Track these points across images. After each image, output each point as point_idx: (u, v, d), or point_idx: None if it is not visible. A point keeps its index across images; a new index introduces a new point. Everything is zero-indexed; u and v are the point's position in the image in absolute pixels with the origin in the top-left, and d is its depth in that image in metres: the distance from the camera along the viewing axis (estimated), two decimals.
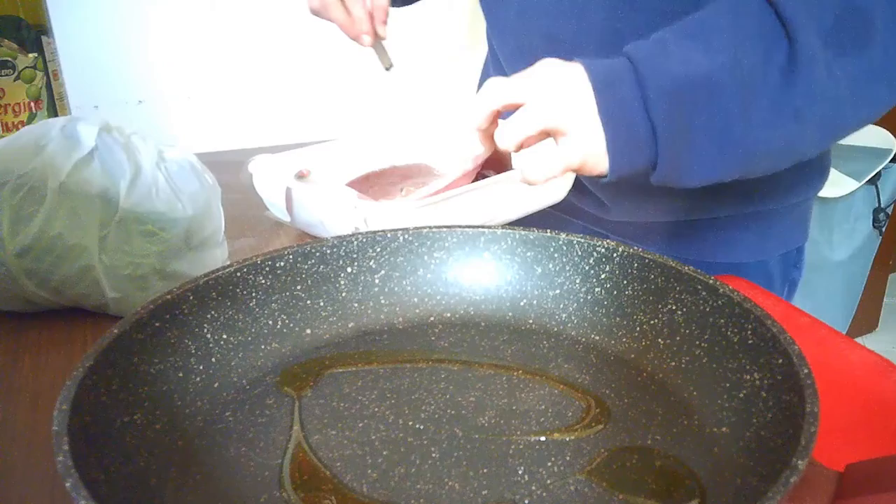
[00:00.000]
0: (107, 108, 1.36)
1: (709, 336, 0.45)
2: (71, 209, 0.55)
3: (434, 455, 0.40)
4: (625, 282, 0.50)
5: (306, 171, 0.76)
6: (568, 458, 0.39)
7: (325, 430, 0.42)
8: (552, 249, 0.53)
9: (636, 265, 0.49)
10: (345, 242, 0.52)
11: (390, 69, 0.77)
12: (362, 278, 0.53)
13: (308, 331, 0.50)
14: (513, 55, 0.74)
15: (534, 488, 0.37)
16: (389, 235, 0.53)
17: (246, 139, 1.40)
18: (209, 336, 0.46)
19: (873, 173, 1.72)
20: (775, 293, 0.76)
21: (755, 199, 0.69)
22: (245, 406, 0.44)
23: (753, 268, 0.74)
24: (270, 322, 0.49)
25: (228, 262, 0.50)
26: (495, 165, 0.72)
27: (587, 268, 0.52)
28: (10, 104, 0.78)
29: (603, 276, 0.51)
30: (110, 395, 0.38)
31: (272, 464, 0.39)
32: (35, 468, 0.44)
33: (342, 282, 0.52)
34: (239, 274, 0.48)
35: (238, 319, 0.48)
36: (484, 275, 0.54)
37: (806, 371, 0.36)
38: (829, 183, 0.74)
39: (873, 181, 1.75)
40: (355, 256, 0.53)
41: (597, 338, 0.50)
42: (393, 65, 0.77)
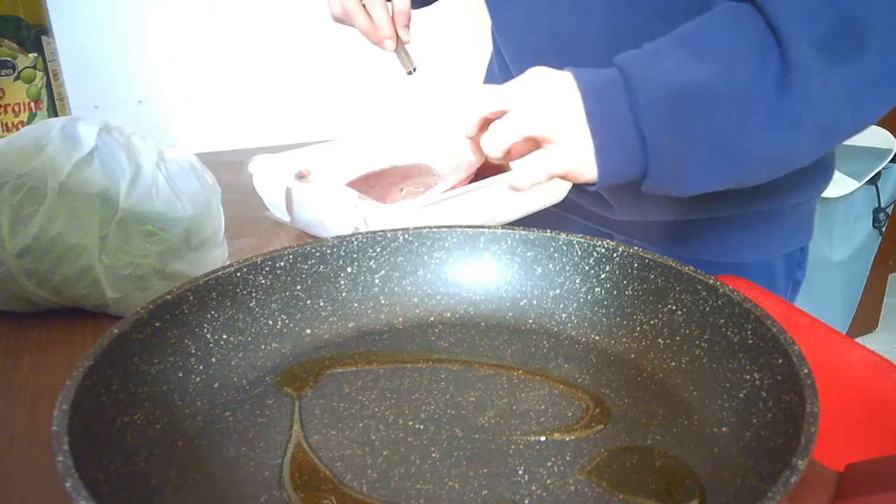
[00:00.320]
0: (107, 108, 1.36)
1: (709, 336, 0.45)
2: (71, 209, 0.55)
3: (434, 455, 0.40)
4: (625, 282, 0.50)
5: (306, 171, 0.76)
6: (568, 458, 0.39)
7: (325, 430, 0.42)
8: (552, 249, 0.53)
9: (636, 265, 0.49)
10: (345, 242, 0.52)
11: (413, 73, 0.76)
12: (362, 278, 0.53)
13: (308, 331, 0.50)
14: (517, 54, 0.74)
15: (534, 488, 0.37)
16: (389, 235, 0.53)
17: (246, 139, 1.40)
18: (209, 336, 0.46)
19: (873, 173, 1.72)
20: (779, 293, 0.76)
21: (759, 199, 0.69)
22: (245, 406, 0.44)
23: (758, 267, 0.74)
24: (270, 322, 0.49)
25: (228, 262, 0.50)
26: (495, 171, 0.71)
27: (587, 268, 0.52)
28: (10, 104, 0.78)
29: (603, 276, 0.51)
30: (110, 395, 0.38)
31: (272, 464, 0.39)
32: (35, 468, 0.44)
33: (342, 282, 0.52)
34: (239, 274, 0.48)
35: (238, 319, 0.48)
36: (484, 275, 0.54)
37: (806, 371, 0.36)
38: (830, 183, 0.74)
39: (873, 181, 1.75)
40: (355, 256, 0.53)
41: (597, 338, 0.50)
42: (416, 68, 0.76)
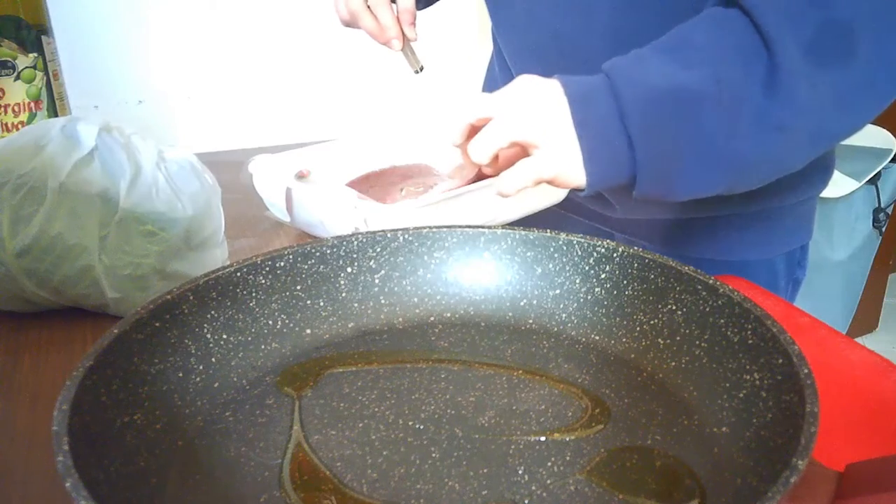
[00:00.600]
0: (107, 108, 1.36)
1: (709, 336, 0.45)
2: (71, 209, 0.55)
3: (434, 455, 0.40)
4: (625, 282, 0.50)
5: (306, 171, 0.76)
6: (568, 458, 0.39)
7: (325, 430, 0.42)
8: (552, 249, 0.53)
9: (636, 265, 0.49)
10: (345, 242, 0.52)
11: (420, 72, 0.76)
12: (362, 278, 0.53)
13: (308, 331, 0.50)
14: (518, 53, 0.74)
15: (534, 488, 0.37)
16: (389, 235, 0.53)
17: (246, 139, 1.40)
18: (209, 336, 0.46)
19: (873, 173, 1.71)
20: (780, 292, 0.76)
21: (759, 198, 0.69)
22: (245, 406, 0.44)
23: (758, 266, 0.74)
24: (270, 322, 0.49)
25: (228, 262, 0.50)
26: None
27: (587, 268, 0.52)
28: (10, 104, 0.78)
29: (603, 276, 0.51)
30: (110, 395, 0.38)
31: (272, 464, 0.39)
32: (35, 468, 0.44)
33: (342, 282, 0.52)
34: (239, 274, 0.48)
35: (238, 319, 0.48)
36: (484, 275, 0.54)
37: (806, 371, 0.36)
38: (830, 183, 0.74)
39: (873, 181, 1.75)
40: (355, 256, 0.53)
41: (597, 338, 0.50)
42: (423, 67, 0.76)
